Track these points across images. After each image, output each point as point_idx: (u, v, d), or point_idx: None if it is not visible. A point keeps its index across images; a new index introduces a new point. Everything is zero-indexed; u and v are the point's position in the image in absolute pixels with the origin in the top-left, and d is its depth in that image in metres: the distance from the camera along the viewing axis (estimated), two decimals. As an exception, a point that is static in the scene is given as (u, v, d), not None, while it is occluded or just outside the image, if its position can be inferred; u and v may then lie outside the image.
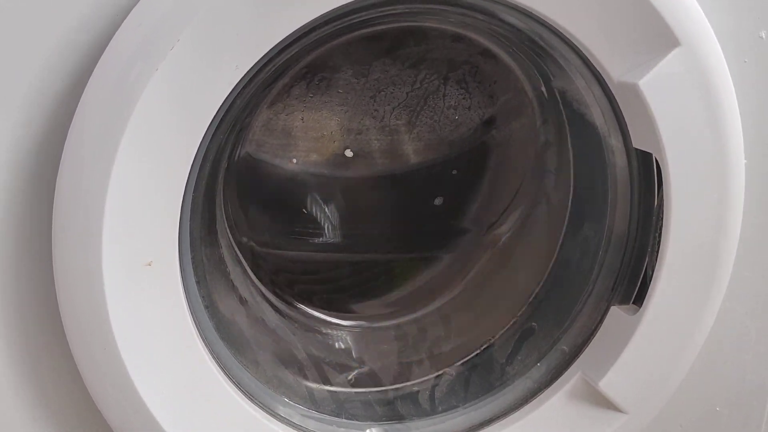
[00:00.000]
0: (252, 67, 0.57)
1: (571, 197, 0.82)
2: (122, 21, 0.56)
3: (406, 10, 0.68)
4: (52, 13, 0.56)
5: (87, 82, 0.56)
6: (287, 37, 0.57)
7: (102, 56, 0.56)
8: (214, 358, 0.65)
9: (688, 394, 0.79)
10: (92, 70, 0.56)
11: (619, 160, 0.73)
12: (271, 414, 0.69)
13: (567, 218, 0.83)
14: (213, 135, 0.61)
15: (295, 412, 0.72)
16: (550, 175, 0.85)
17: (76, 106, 0.56)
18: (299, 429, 0.70)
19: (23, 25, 0.56)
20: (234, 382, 0.67)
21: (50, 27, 0.56)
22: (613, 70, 0.63)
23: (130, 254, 0.58)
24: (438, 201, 0.92)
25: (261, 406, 0.68)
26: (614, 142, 0.72)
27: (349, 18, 0.62)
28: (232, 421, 0.65)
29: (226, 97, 0.57)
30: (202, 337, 0.64)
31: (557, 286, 0.82)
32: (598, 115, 0.72)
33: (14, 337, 0.63)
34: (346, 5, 0.57)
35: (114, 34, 0.56)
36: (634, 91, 0.62)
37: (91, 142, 0.56)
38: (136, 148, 0.55)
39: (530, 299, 0.83)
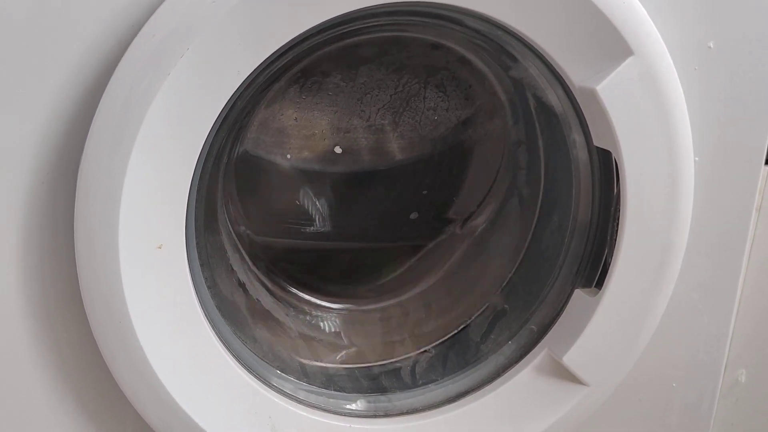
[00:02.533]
0: (251, 73, 0.60)
1: (540, 191, 0.84)
2: (137, 33, 0.59)
3: (389, 22, 0.70)
4: (75, 25, 0.59)
5: (105, 87, 0.59)
6: (283, 45, 0.59)
7: (119, 64, 0.59)
8: (216, 333, 0.68)
9: (647, 372, 0.82)
10: (110, 76, 0.59)
11: (581, 155, 0.75)
12: (266, 384, 0.71)
13: (537, 210, 0.85)
14: (216, 133, 0.64)
15: (288, 383, 0.75)
16: (522, 170, 0.88)
17: (96, 108, 0.59)
18: (291, 398, 0.73)
19: (50, 37, 0.59)
20: (234, 355, 0.69)
21: (73, 38, 0.59)
22: (574, 76, 0.67)
23: (143, 238, 0.61)
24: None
25: (257, 376, 0.71)
26: (577, 139, 0.75)
27: (339, 28, 0.65)
28: (231, 388, 0.68)
29: (228, 99, 0.60)
30: (205, 314, 0.67)
31: (527, 272, 0.85)
32: (561, 113, 0.74)
33: (38, 313, 0.66)
34: (336, 18, 0.59)
35: (130, 44, 0.59)
36: (593, 96, 0.65)
37: (109, 140, 0.58)
38: (149, 146, 0.58)
39: (503, 284, 0.86)
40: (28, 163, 0.62)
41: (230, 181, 0.86)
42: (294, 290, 0.91)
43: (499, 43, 0.70)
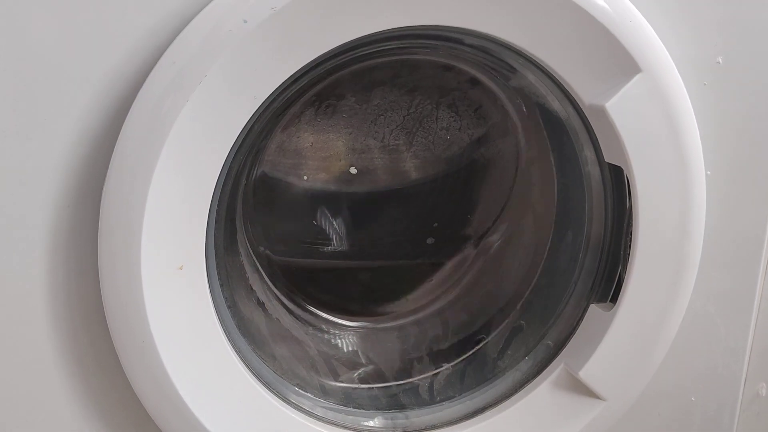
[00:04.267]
0: (268, 97, 0.61)
1: (554, 207, 0.85)
2: (158, 59, 0.60)
3: (400, 45, 0.71)
4: (99, 52, 0.60)
5: (128, 111, 0.60)
6: (298, 71, 0.60)
7: (141, 88, 0.60)
8: (236, 351, 0.68)
9: (665, 386, 0.82)
10: (133, 100, 0.60)
11: (593, 171, 0.76)
12: (285, 401, 0.72)
13: (552, 227, 0.85)
14: (234, 156, 0.65)
15: (306, 401, 0.75)
16: (535, 187, 0.88)
17: (119, 131, 0.60)
18: (310, 415, 0.73)
19: (75, 64, 0.60)
20: (253, 373, 0.70)
21: (97, 65, 0.60)
22: (584, 94, 0.67)
23: (164, 259, 0.62)
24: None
25: (277, 394, 0.72)
26: (588, 155, 0.75)
27: (352, 53, 0.66)
28: (251, 406, 0.68)
29: (246, 123, 0.61)
30: (225, 333, 0.68)
31: (543, 288, 0.85)
32: (570, 127, 0.74)
33: (64, 332, 0.67)
34: (348, 42, 0.61)
35: (151, 70, 0.60)
36: (602, 113, 0.66)
37: (132, 162, 0.60)
38: (170, 169, 0.59)
39: (519, 300, 0.86)
40: (53, 186, 0.63)
41: (249, 203, 0.87)
42: (312, 309, 0.92)
43: (497, 55, 0.71)
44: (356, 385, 0.84)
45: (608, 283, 0.78)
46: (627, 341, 0.74)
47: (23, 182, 0.63)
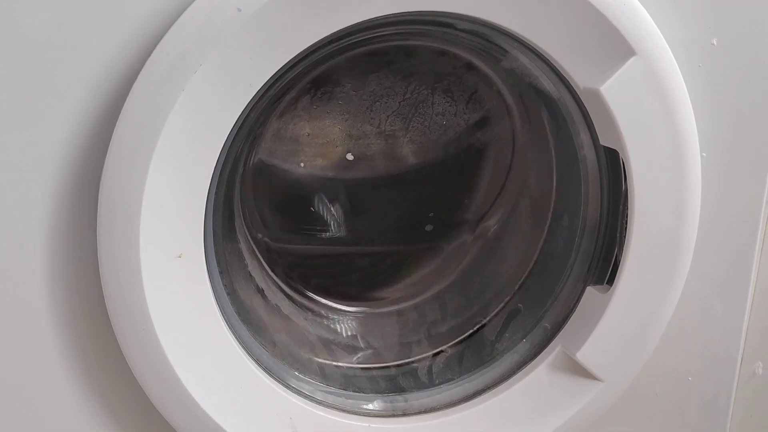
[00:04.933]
0: (263, 85, 0.61)
1: (551, 191, 0.85)
2: (153, 49, 0.60)
3: (395, 31, 0.71)
4: (93, 44, 0.60)
5: (125, 101, 0.60)
6: (293, 58, 0.60)
7: (137, 79, 0.60)
8: (236, 338, 0.69)
9: (662, 366, 0.83)
10: (129, 91, 0.60)
11: (589, 154, 0.76)
12: (285, 386, 0.73)
13: (549, 210, 0.86)
14: (231, 144, 0.65)
15: (307, 385, 0.76)
16: (532, 171, 0.89)
17: (116, 122, 0.61)
18: (310, 399, 0.74)
19: (69, 56, 0.60)
20: (254, 359, 0.70)
21: (92, 56, 0.61)
22: (578, 77, 0.68)
23: (163, 248, 0.62)
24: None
25: (277, 379, 0.72)
26: (584, 138, 0.75)
27: (347, 39, 0.66)
28: (252, 391, 0.69)
29: (242, 111, 0.61)
30: (225, 320, 0.68)
31: (540, 271, 0.85)
32: (567, 114, 0.75)
33: (65, 322, 0.67)
34: (343, 29, 0.61)
35: (146, 61, 0.60)
36: (597, 96, 0.66)
37: (129, 152, 0.60)
38: (167, 158, 0.60)
39: (517, 284, 0.86)
40: (51, 178, 0.63)
41: (247, 190, 0.87)
42: (311, 295, 0.92)
43: (489, 39, 0.71)
44: (355, 366, 0.84)
45: (605, 265, 0.78)
46: (624, 323, 0.74)
47: (21, 174, 0.63)
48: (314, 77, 0.82)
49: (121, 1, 0.60)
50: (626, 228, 0.73)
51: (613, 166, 0.75)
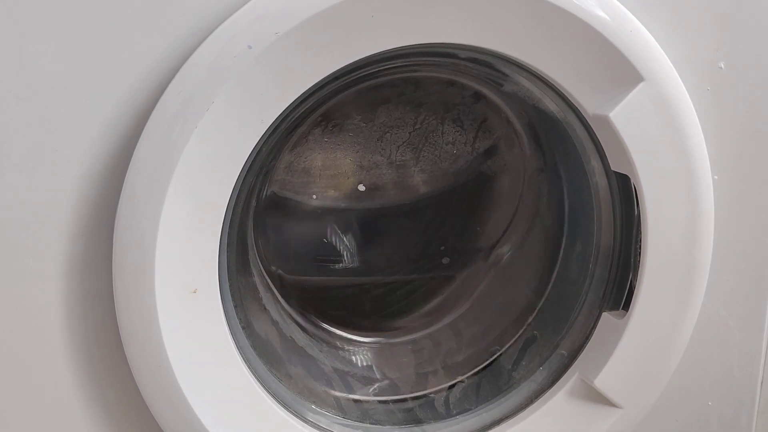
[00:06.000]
0: (274, 120, 0.62)
1: (564, 217, 0.85)
2: (166, 88, 0.61)
3: (404, 63, 0.72)
4: (109, 82, 0.61)
5: (138, 139, 0.61)
6: (303, 93, 0.61)
7: (150, 117, 0.61)
8: (251, 371, 0.69)
9: (681, 391, 0.82)
10: (142, 129, 0.61)
11: (600, 180, 0.76)
12: (302, 419, 0.72)
13: (562, 236, 0.86)
14: (244, 179, 0.66)
15: (324, 418, 0.75)
16: (543, 198, 0.89)
17: (130, 159, 0.61)
18: (327, 432, 0.73)
19: (84, 94, 0.61)
20: (270, 392, 0.70)
21: (107, 94, 0.61)
22: (587, 104, 0.68)
23: (178, 284, 0.62)
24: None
25: (293, 412, 0.72)
26: (595, 165, 0.76)
27: (355, 73, 0.67)
28: (269, 425, 0.69)
29: (254, 146, 0.62)
30: (241, 354, 0.68)
31: (555, 298, 0.85)
32: (578, 140, 0.75)
33: (81, 359, 0.67)
34: (352, 63, 0.62)
35: (159, 98, 0.61)
36: (606, 122, 0.67)
37: (143, 190, 0.60)
38: (181, 194, 0.60)
39: (532, 311, 0.86)
40: (66, 216, 0.64)
41: (260, 223, 0.88)
42: (326, 326, 0.92)
43: (493, 66, 0.71)
44: (372, 399, 0.84)
45: (620, 290, 0.78)
46: (641, 348, 0.74)
47: (36, 212, 0.63)
48: (325, 110, 0.82)
49: (132, 41, 0.61)
50: (640, 253, 0.72)
51: (625, 191, 0.75)
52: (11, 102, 0.60)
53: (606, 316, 0.78)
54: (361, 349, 0.92)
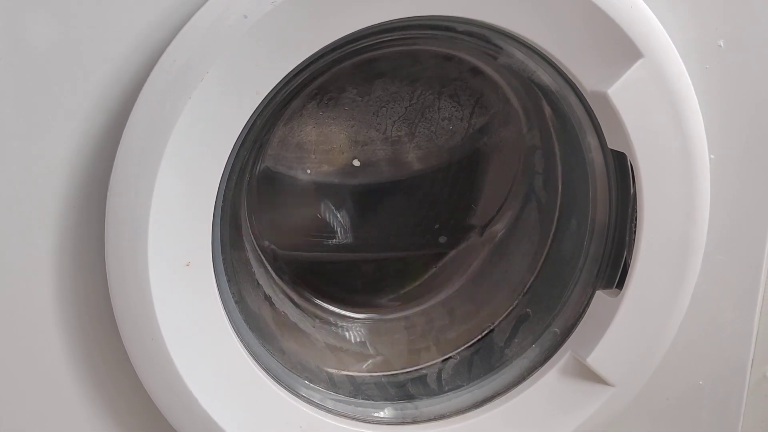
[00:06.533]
0: (269, 92, 0.61)
1: (558, 195, 0.85)
2: (159, 58, 0.60)
3: (401, 36, 0.70)
4: (99, 53, 0.61)
5: (131, 110, 0.60)
6: (299, 64, 0.61)
7: (143, 87, 0.60)
8: (244, 346, 0.69)
9: (673, 370, 0.83)
10: (135, 100, 0.60)
11: (596, 158, 0.76)
12: (295, 394, 0.73)
13: (556, 214, 0.86)
14: (237, 152, 0.65)
15: (317, 393, 0.76)
16: (538, 175, 0.88)
17: (123, 131, 0.60)
18: (320, 407, 0.74)
19: (75, 65, 0.60)
20: (262, 367, 0.70)
21: (98, 65, 0.61)
22: (586, 81, 0.68)
23: (171, 257, 0.62)
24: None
25: (286, 387, 0.72)
26: (591, 142, 0.75)
27: (352, 45, 0.66)
28: (262, 400, 0.69)
29: (248, 119, 0.61)
30: (234, 329, 0.68)
31: (548, 276, 0.85)
32: (575, 117, 0.75)
33: (74, 333, 0.67)
34: (348, 35, 0.61)
35: (152, 69, 0.60)
36: (605, 99, 0.66)
37: (137, 161, 0.60)
38: (174, 166, 0.60)
39: (525, 288, 0.86)
40: (58, 188, 0.63)
41: (253, 197, 0.87)
42: (319, 302, 0.92)
43: (484, 38, 0.71)
44: (364, 374, 0.84)
45: (614, 269, 0.78)
46: (634, 327, 0.74)
47: (28, 185, 0.63)
48: (320, 83, 0.82)
49: (126, 10, 0.60)
50: (635, 231, 0.72)
51: (621, 169, 0.75)
52: (1, 73, 0.60)
53: (599, 295, 0.78)
54: (354, 325, 0.92)
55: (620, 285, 0.76)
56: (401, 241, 0.97)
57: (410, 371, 0.85)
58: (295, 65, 0.61)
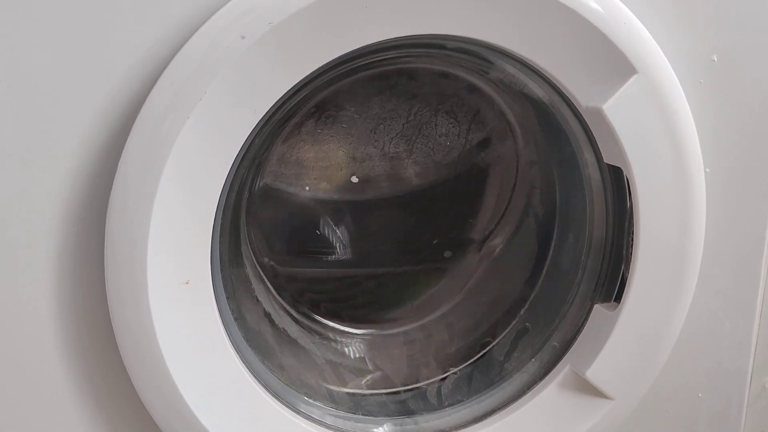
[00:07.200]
0: (267, 111, 0.61)
1: (555, 209, 0.85)
2: (157, 79, 0.61)
3: (397, 55, 0.71)
4: (100, 72, 0.61)
5: (130, 130, 0.61)
6: (296, 84, 0.61)
7: (142, 107, 0.60)
8: (244, 363, 0.69)
9: (672, 383, 0.83)
10: (134, 120, 0.60)
11: (593, 173, 0.76)
12: (294, 411, 0.72)
13: (554, 228, 0.86)
14: (236, 170, 0.65)
15: (316, 409, 0.76)
16: (536, 190, 0.89)
17: (122, 150, 0.61)
18: (319, 423, 0.73)
19: (75, 85, 0.61)
20: (262, 383, 0.70)
21: (99, 84, 0.61)
22: (581, 96, 0.68)
23: (170, 275, 0.62)
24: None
25: (286, 404, 0.72)
26: (588, 157, 0.76)
27: (349, 64, 0.66)
28: (261, 416, 0.69)
29: (246, 137, 0.62)
30: (233, 345, 0.68)
31: (547, 290, 0.85)
32: (571, 132, 0.75)
33: (73, 349, 0.67)
34: (345, 54, 0.61)
35: (151, 89, 0.61)
36: (600, 115, 0.67)
37: (136, 181, 0.60)
38: (173, 185, 0.60)
39: (524, 303, 0.86)
40: (58, 207, 0.64)
41: (252, 214, 0.87)
42: (318, 318, 0.92)
43: (474, 53, 0.71)
44: (364, 392, 0.84)
45: (611, 283, 0.78)
46: (632, 340, 0.74)
47: (28, 203, 0.63)
48: (318, 102, 0.82)
49: (126, 30, 0.61)
50: (632, 245, 0.73)
51: (617, 183, 0.75)
52: (1, 93, 0.60)
53: (598, 308, 0.78)
54: (353, 340, 0.92)
55: (618, 298, 0.76)
56: (400, 257, 0.97)
57: (410, 388, 0.85)
58: (293, 85, 0.61)
